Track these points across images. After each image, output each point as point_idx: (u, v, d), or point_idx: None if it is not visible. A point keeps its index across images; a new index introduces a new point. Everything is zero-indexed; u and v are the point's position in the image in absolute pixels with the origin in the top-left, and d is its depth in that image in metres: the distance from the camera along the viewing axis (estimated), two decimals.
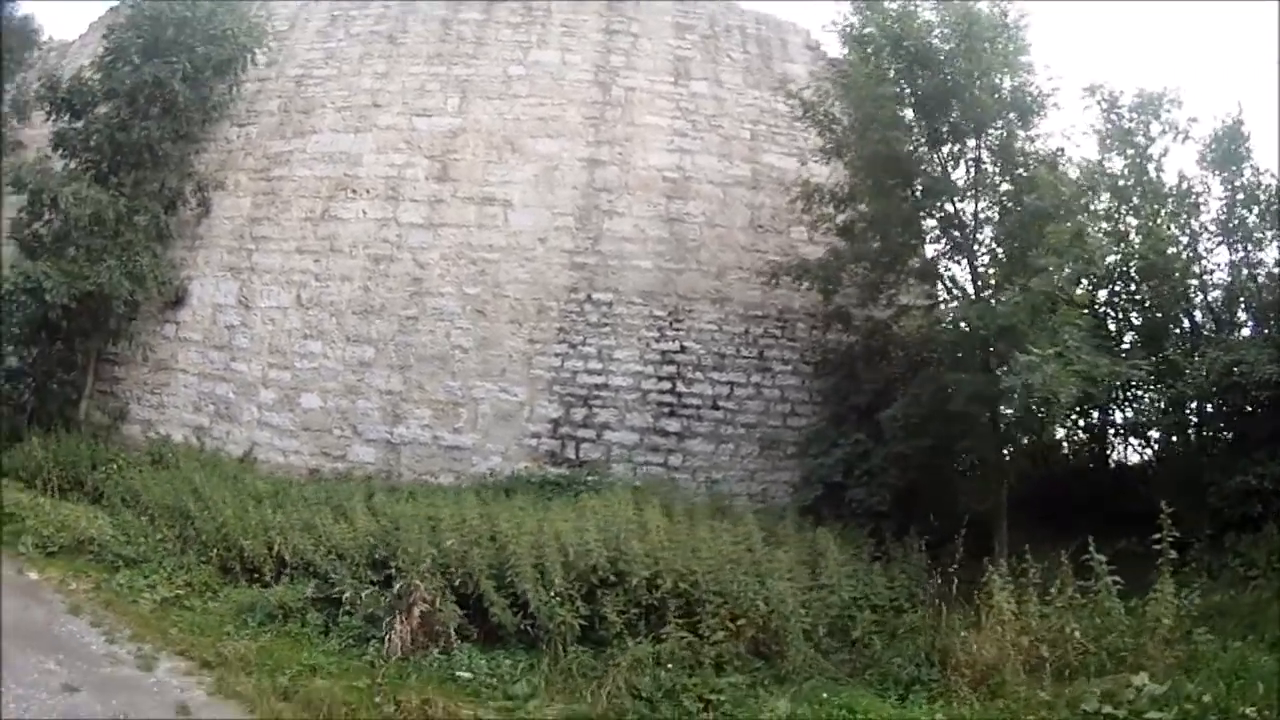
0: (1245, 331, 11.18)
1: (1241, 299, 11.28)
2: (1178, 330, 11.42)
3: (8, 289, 9.70)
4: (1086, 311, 9.47)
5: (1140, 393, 11.28)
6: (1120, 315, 11.73)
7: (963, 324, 8.78)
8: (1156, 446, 11.69)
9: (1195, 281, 11.35)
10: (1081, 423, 12.68)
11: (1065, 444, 13.24)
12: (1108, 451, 12.73)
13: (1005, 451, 9.78)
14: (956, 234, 9.82)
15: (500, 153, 12.08)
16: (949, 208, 9.76)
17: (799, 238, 11.98)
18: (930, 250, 10.81)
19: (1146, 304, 11.41)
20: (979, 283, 9.68)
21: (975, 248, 9.78)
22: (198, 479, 8.95)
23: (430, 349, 11.20)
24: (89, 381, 10.78)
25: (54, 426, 10.17)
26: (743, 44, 13.20)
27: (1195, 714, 4.61)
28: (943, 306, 10.74)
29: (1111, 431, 12.44)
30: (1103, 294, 11.64)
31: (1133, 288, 11.64)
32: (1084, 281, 10.60)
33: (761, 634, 6.46)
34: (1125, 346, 11.12)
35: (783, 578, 6.78)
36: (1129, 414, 11.61)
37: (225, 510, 8.13)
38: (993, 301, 8.88)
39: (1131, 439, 12.15)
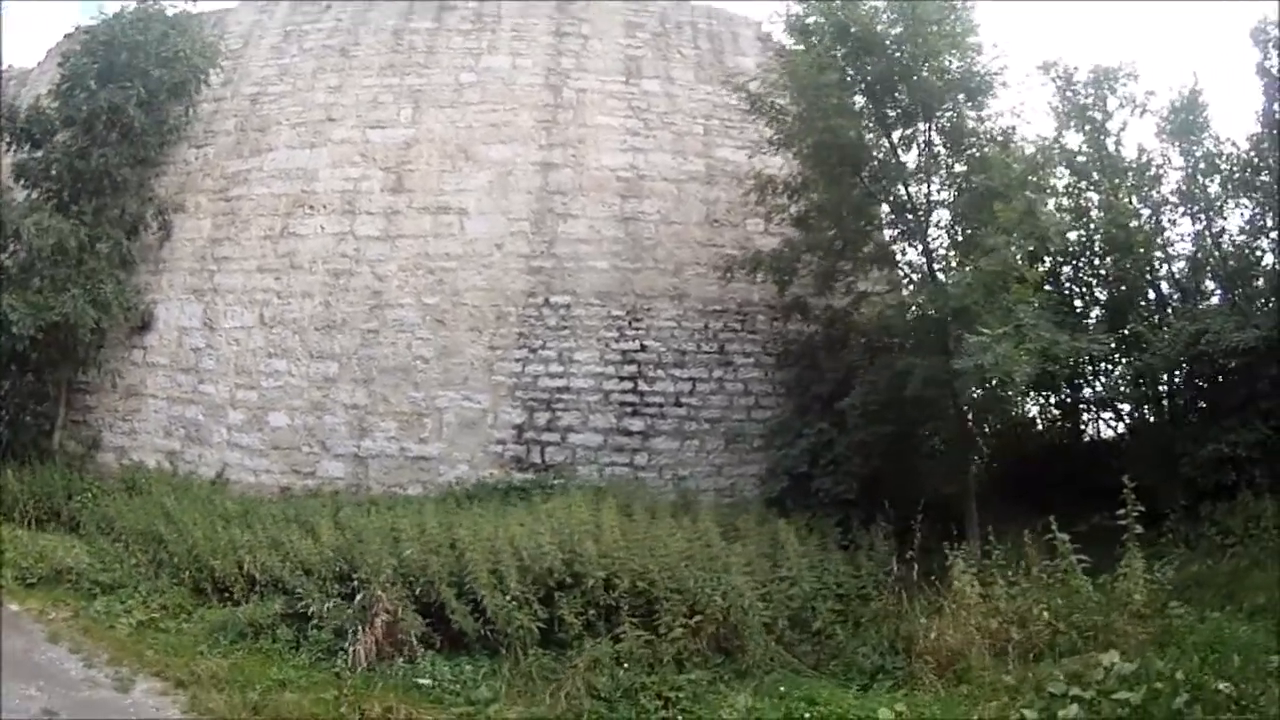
0: (1214, 301, 11.13)
1: (1207, 267, 11.24)
2: (1144, 303, 11.41)
3: None
4: (1046, 288, 9.53)
5: (1110, 367, 11.24)
6: (1085, 291, 11.69)
7: (915, 308, 8.90)
8: (1129, 420, 11.65)
9: (1159, 253, 11.32)
10: (1053, 399, 12.69)
11: (1039, 421, 13.26)
12: (1081, 427, 12.69)
13: (971, 434, 9.84)
14: (910, 218, 9.78)
15: (454, 161, 12.15)
16: (900, 192, 9.73)
17: (755, 230, 11.99)
18: (887, 235, 10.77)
19: (1110, 278, 11.37)
20: (934, 266, 9.71)
21: (929, 231, 9.77)
22: (169, 503, 9.15)
23: (392, 361, 11.33)
24: (61, 412, 11.02)
25: (28, 459, 10.39)
26: (694, 39, 13.17)
27: (1167, 691, 4.48)
28: (899, 291, 10.76)
29: (1084, 407, 12.39)
30: (1067, 270, 11.60)
31: (1096, 263, 11.59)
32: (1045, 259, 10.63)
33: (721, 629, 6.53)
34: (1091, 322, 11.11)
35: (741, 572, 6.86)
36: (1100, 388, 11.56)
37: (195, 532, 8.32)
38: (945, 283, 8.91)
39: (1104, 414, 12.12)
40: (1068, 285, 11.63)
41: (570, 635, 6.51)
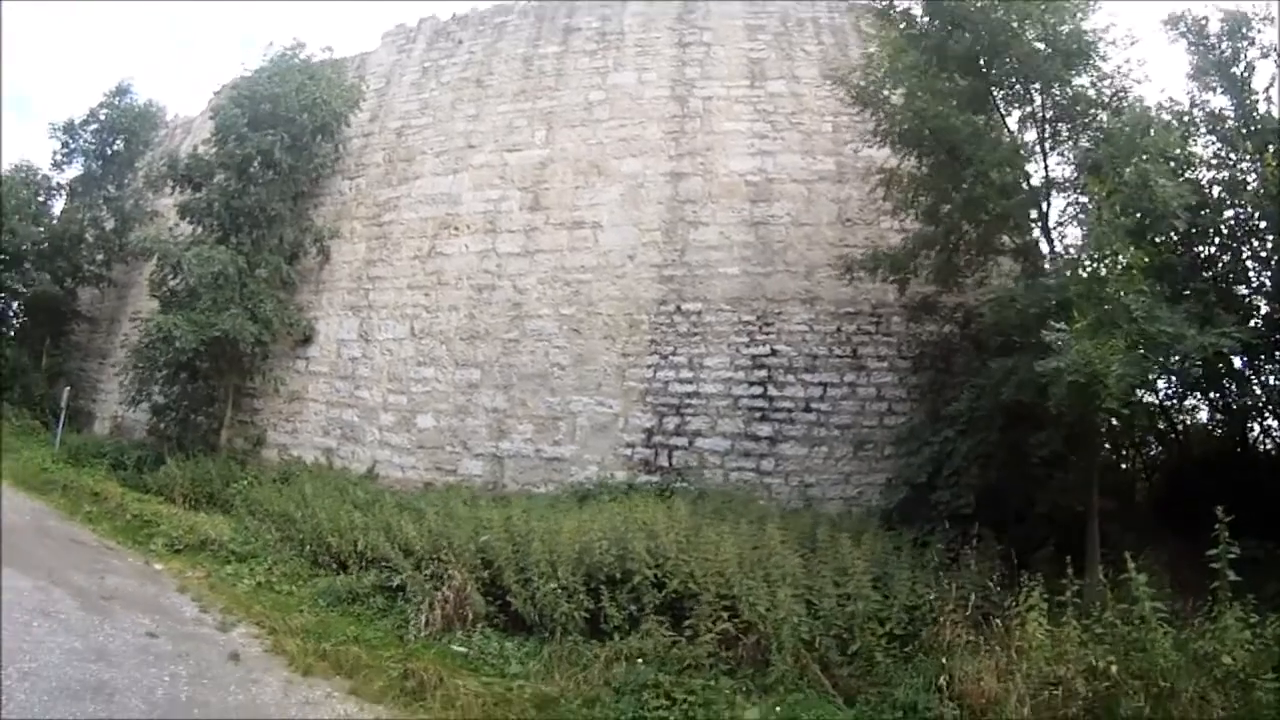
0: None
1: None
2: None
3: (147, 339, 11.40)
4: (1181, 274, 8.46)
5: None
6: (1244, 278, 10.24)
7: (1013, 301, 7.99)
8: None
9: None
10: (1220, 403, 11.17)
11: (1209, 428, 11.73)
12: (1246, 436, 11.03)
13: (1091, 444, 8.44)
14: (1026, 202, 9.01)
15: (587, 177, 12.58)
16: (1008, 175, 8.78)
17: (889, 228, 11.55)
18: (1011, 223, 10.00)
19: (1270, 261, 9.92)
20: (1056, 253, 8.88)
21: (1049, 215, 8.96)
22: (307, 490, 10.09)
23: (531, 368, 11.79)
24: (227, 413, 12.36)
25: (195, 453, 11.73)
26: (816, 35, 13.02)
27: None
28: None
29: (1251, 412, 10.83)
30: (1217, 254, 10.22)
31: (1256, 244, 10.15)
32: (1172, 238, 9.48)
33: (761, 640, 6.26)
34: (1263, 312, 9.77)
35: (798, 584, 6.54)
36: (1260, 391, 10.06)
37: (320, 514, 9.17)
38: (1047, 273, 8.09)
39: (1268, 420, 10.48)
40: (1222, 271, 10.15)
41: (611, 627, 6.58)
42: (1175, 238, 9.39)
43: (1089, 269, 7.48)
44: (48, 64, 44.62)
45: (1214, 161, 10.00)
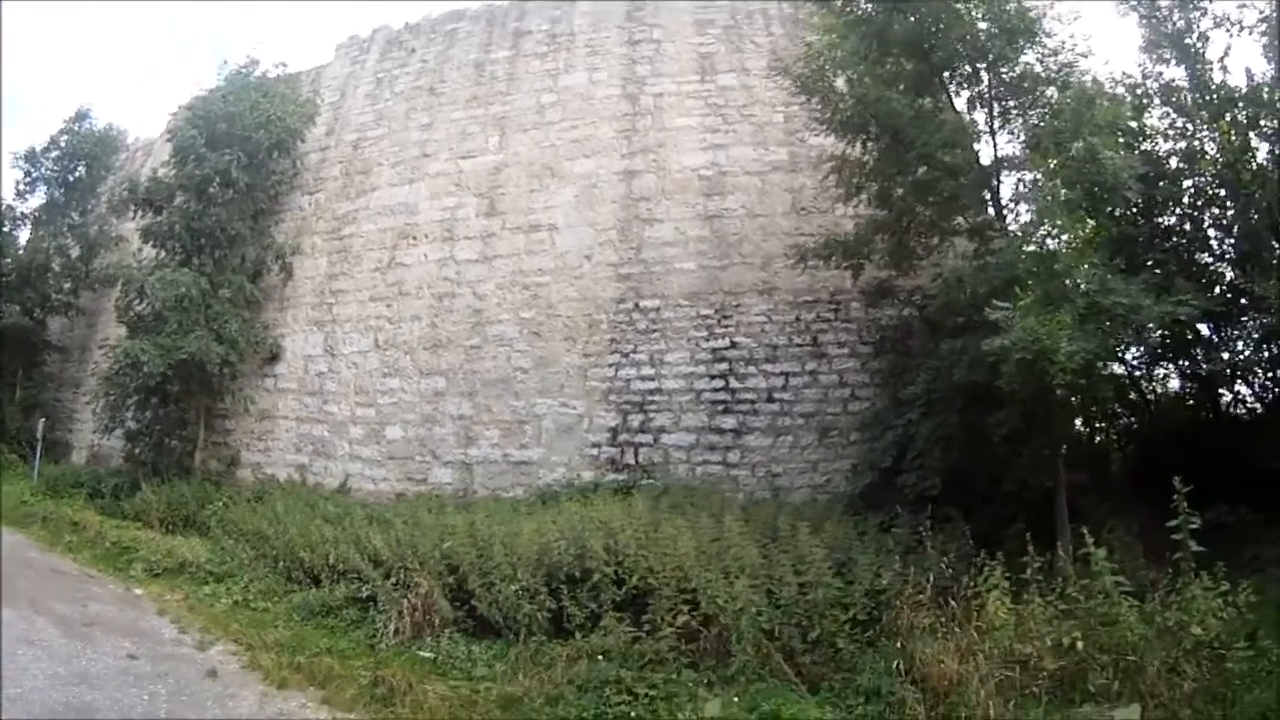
0: None
1: None
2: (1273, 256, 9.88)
3: (116, 366, 11.51)
4: (1140, 244, 8.50)
5: (1234, 331, 9.86)
6: (1210, 245, 10.30)
7: (963, 285, 7.99)
8: (1265, 392, 10.00)
9: None
10: (1190, 370, 11.24)
11: (1181, 396, 11.80)
12: (1219, 401, 11.09)
13: (1051, 421, 8.25)
14: (972, 182, 9.02)
15: (541, 180, 12.64)
16: (949, 156, 8.75)
17: (845, 214, 11.58)
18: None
19: (1233, 228, 9.99)
20: (1011, 233, 8.90)
21: (999, 194, 8.97)
22: (279, 508, 10.25)
23: (494, 373, 11.87)
24: (200, 435, 12.50)
25: (170, 477, 11.84)
26: (766, 27, 13.03)
27: None
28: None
29: (1220, 378, 10.88)
30: (1177, 223, 10.29)
31: (1218, 212, 10.22)
32: (1160, 213, 9.48)
33: (724, 631, 6.32)
34: (1226, 279, 9.83)
35: (755, 575, 6.60)
36: (1230, 357, 10.10)
37: (292, 530, 9.34)
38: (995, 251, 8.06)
39: (1237, 386, 10.51)
40: (1184, 241, 10.19)
41: (574, 625, 6.69)
42: (1135, 210, 9.50)
43: (1035, 245, 7.55)
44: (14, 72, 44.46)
45: (1170, 132, 10.12)
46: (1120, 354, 9.43)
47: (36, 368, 18.17)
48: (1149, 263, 8.85)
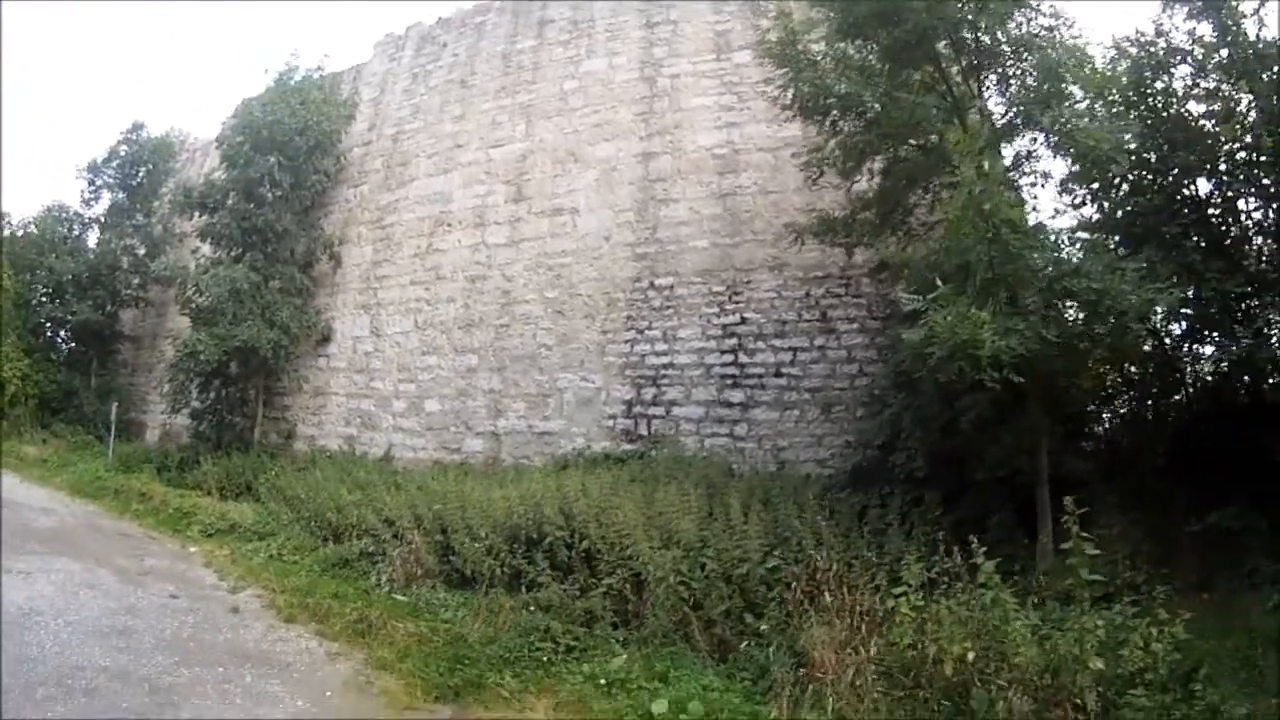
0: None
1: None
2: None
3: (177, 355, 13.03)
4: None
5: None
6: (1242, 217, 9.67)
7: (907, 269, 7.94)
8: None
9: None
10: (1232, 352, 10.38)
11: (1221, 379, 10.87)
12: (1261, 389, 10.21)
13: (1035, 407, 7.74)
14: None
15: (564, 165, 13.22)
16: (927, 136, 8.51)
17: (861, 187, 11.67)
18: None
19: (1274, 198, 9.38)
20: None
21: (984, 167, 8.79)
22: (319, 475, 11.43)
23: (521, 350, 12.69)
24: (259, 412, 13.92)
25: (230, 451, 13.32)
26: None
27: None
28: None
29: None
30: (1212, 192, 9.72)
31: (1265, 181, 9.58)
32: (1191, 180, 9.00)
33: (648, 596, 6.81)
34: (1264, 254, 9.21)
35: (689, 545, 7.00)
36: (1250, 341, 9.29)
37: (322, 495, 10.55)
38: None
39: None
40: (1215, 213, 9.55)
41: (526, 581, 7.48)
42: (1152, 180, 8.99)
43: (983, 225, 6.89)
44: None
45: (1197, 93, 9.58)
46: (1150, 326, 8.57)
47: (110, 357, 20.40)
48: (1169, 237, 8.19)
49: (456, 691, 5.96)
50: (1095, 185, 9.04)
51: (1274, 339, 9.00)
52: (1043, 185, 9.09)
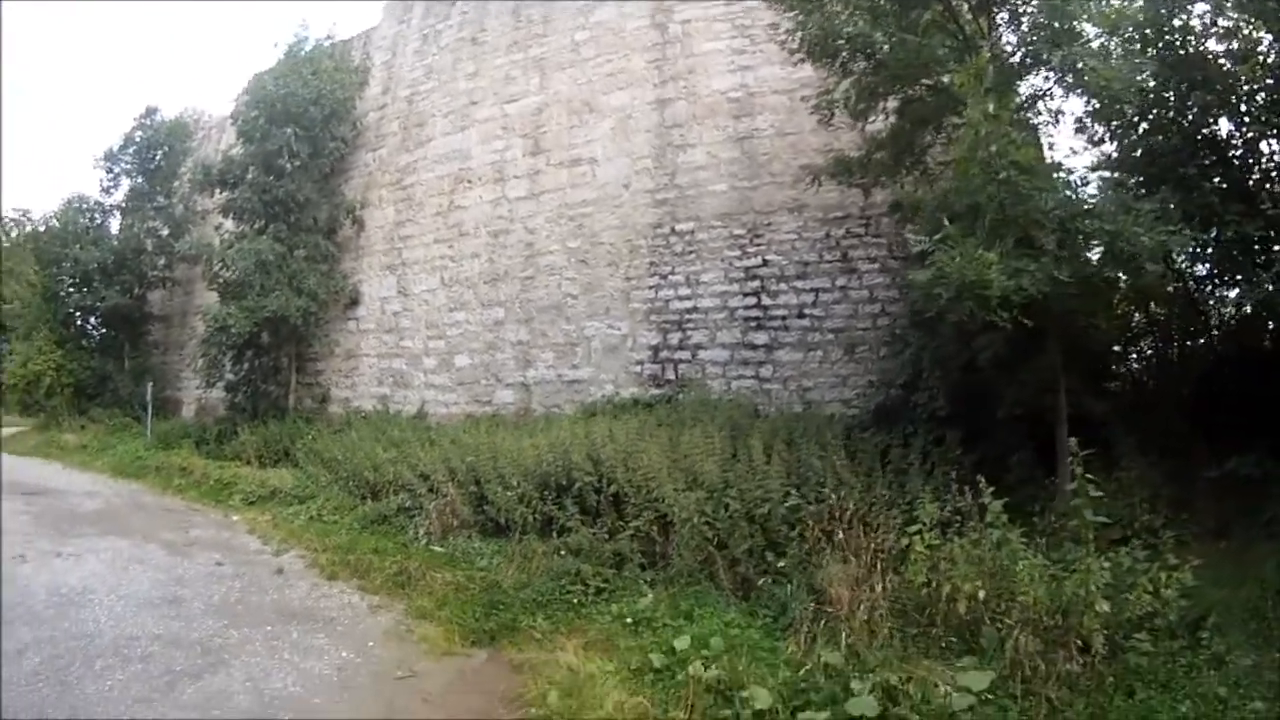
0: None
1: None
2: None
3: (208, 330, 13.27)
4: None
5: None
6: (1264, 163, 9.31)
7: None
8: None
9: None
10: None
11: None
12: (1265, 334, 9.15)
13: (1048, 346, 7.63)
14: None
15: (580, 116, 13.29)
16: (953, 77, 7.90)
17: (876, 127, 11.69)
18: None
19: None
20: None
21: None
22: (354, 435, 11.78)
23: (546, 300, 12.90)
24: (292, 378, 14.24)
25: (266, 419, 13.61)
26: None
27: None
28: None
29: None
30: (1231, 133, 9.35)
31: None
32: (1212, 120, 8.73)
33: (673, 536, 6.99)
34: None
35: (713, 486, 7.17)
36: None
37: (359, 455, 10.80)
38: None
39: None
40: (1236, 155, 8.60)
41: (557, 527, 7.70)
42: (1171, 119, 8.79)
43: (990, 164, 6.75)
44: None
45: (1216, 31, 9.29)
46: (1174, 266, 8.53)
47: (141, 338, 20.77)
48: (1188, 177, 7.87)
49: (492, 635, 6.23)
50: (1114, 123, 8.93)
51: None
52: (1057, 124, 8.99)
